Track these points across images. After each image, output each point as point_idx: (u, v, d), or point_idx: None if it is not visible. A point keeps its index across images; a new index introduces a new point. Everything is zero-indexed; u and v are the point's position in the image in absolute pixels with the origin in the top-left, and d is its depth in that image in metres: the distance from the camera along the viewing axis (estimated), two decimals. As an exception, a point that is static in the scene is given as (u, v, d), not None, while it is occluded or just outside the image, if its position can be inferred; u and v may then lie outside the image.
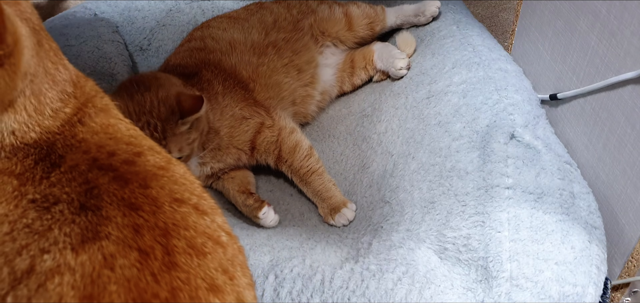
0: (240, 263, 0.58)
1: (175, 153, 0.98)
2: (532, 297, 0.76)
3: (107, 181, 0.53)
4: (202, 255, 0.53)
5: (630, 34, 0.89)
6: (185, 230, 0.53)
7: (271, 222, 1.06)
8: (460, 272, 0.82)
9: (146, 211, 0.52)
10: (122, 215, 0.51)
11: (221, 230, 0.58)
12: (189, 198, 0.57)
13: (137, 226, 0.51)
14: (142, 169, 0.56)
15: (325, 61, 1.35)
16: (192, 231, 0.54)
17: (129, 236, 0.50)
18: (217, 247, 0.55)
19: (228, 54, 1.20)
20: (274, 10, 1.32)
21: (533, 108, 1.04)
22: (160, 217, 0.53)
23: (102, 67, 1.25)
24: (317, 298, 0.80)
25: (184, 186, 0.58)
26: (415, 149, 1.06)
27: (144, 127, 0.93)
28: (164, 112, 0.95)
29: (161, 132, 0.95)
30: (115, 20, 1.41)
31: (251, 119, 1.13)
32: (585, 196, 0.92)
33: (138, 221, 0.51)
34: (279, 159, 1.14)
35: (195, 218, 0.55)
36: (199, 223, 0.55)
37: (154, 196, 0.54)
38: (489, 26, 1.92)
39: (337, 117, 1.37)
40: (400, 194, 1.02)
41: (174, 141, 0.96)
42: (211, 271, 0.53)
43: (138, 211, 0.52)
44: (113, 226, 0.50)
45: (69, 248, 0.48)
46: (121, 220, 0.51)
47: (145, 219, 0.52)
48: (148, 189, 0.54)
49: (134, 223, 0.51)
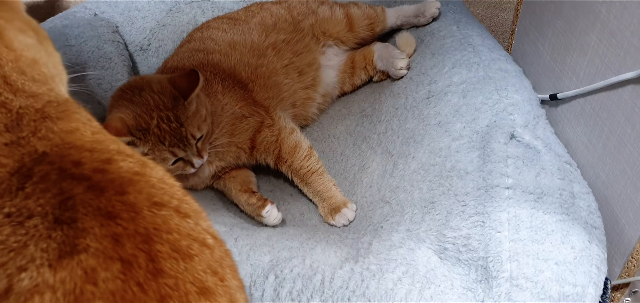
0: (229, 266, 0.56)
1: (196, 133, 0.99)
2: (532, 297, 0.76)
3: (82, 191, 0.50)
4: (189, 258, 0.50)
5: (630, 34, 0.89)
6: (167, 233, 0.51)
7: (274, 220, 1.07)
8: (460, 272, 0.82)
9: (124, 219, 0.50)
10: (100, 225, 0.48)
11: (206, 233, 0.55)
12: (169, 201, 0.54)
13: (116, 235, 0.48)
14: (117, 176, 0.53)
15: (328, 62, 1.35)
16: (176, 235, 0.51)
17: (109, 247, 0.47)
18: (204, 249, 0.53)
19: (227, 55, 1.21)
20: (274, 12, 1.32)
21: (533, 108, 1.04)
22: (140, 223, 0.50)
23: (102, 67, 1.25)
24: (317, 298, 0.80)
25: (163, 189, 0.56)
26: (415, 149, 1.06)
27: (159, 122, 0.95)
28: (169, 101, 0.96)
29: (176, 120, 0.96)
30: (115, 20, 1.41)
31: (251, 118, 1.13)
32: (585, 196, 0.92)
33: (117, 230, 0.49)
34: (278, 159, 1.14)
35: (178, 221, 0.53)
36: (182, 226, 0.53)
37: (132, 201, 0.51)
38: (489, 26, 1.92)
39: (337, 117, 1.37)
40: (400, 194, 1.02)
41: (190, 123, 0.98)
42: (200, 274, 0.50)
43: (116, 219, 0.49)
44: (91, 238, 0.48)
45: (47, 265, 0.46)
46: (99, 230, 0.48)
47: (124, 227, 0.49)
48: (125, 195, 0.52)
49: (112, 233, 0.48)
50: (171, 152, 0.97)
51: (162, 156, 0.97)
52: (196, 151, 1.01)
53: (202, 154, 1.03)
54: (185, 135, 0.97)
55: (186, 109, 0.98)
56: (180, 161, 1.00)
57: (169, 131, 0.96)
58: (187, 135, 0.98)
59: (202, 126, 1.01)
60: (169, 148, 0.96)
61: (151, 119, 0.94)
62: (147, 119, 0.94)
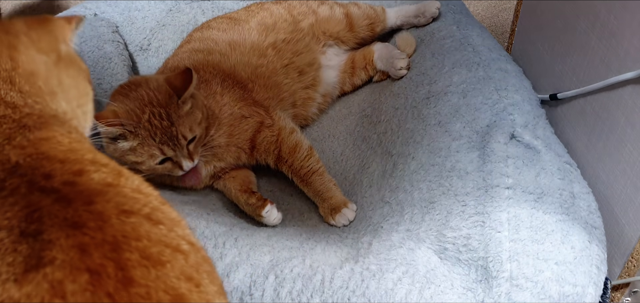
0: (207, 271, 0.54)
1: (187, 133, 0.99)
2: (532, 297, 0.76)
3: (49, 203, 0.49)
4: (160, 265, 0.49)
5: (630, 34, 0.89)
6: (136, 241, 0.49)
7: (274, 220, 1.06)
8: (460, 272, 0.82)
9: (91, 228, 0.48)
10: (66, 236, 0.47)
11: (181, 239, 0.54)
12: (140, 209, 0.53)
13: (83, 245, 0.46)
14: (86, 188, 0.52)
15: (328, 62, 1.35)
16: (146, 241, 0.49)
17: (76, 258, 0.45)
18: (177, 255, 0.51)
19: (227, 55, 1.21)
20: (274, 12, 1.32)
21: (533, 108, 1.04)
22: (107, 231, 0.48)
23: (102, 67, 1.25)
24: (317, 298, 0.80)
25: (135, 198, 0.54)
26: (415, 149, 1.07)
27: (151, 118, 0.95)
28: (163, 99, 0.96)
29: (167, 118, 0.96)
30: (115, 20, 1.41)
31: (250, 118, 1.13)
32: (585, 196, 0.92)
33: (83, 240, 0.47)
34: (278, 160, 1.14)
35: (148, 228, 0.51)
36: (152, 232, 0.51)
37: (99, 210, 0.50)
38: (489, 26, 1.92)
39: (337, 117, 1.37)
40: (400, 194, 1.02)
41: (182, 123, 0.98)
42: (172, 281, 0.48)
43: (82, 228, 0.48)
44: (57, 250, 0.46)
45: (12, 280, 0.44)
46: (65, 241, 0.46)
47: (91, 236, 0.47)
48: (92, 205, 0.50)
49: (79, 243, 0.46)
50: (160, 149, 0.96)
51: (150, 152, 0.96)
52: (187, 153, 1.00)
53: (193, 157, 1.02)
54: (176, 134, 0.97)
55: (179, 108, 0.98)
56: (169, 162, 1.00)
57: (160, 127, 0.95)
58: (178, 135, 0.97)
59: (195, 128, 1.00)
60: (159, 145, 0.96)
61: (143, 113, 0.95)
62: (139, 114, 0.95)
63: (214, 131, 1.09)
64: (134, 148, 0.96)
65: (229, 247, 0.88)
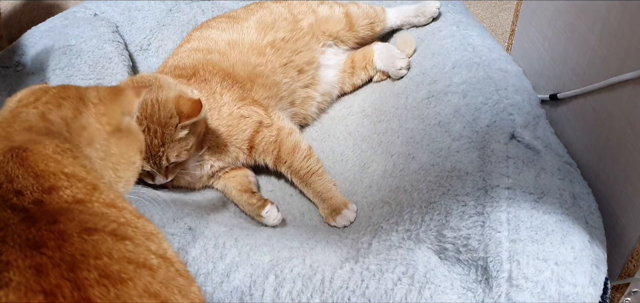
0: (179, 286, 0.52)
1: (173, 158, 0.99)
2: (532, 297, 0.76)
3: (16, 222, 0.49)
4: (121, 283, 0.47)
5: (630, 34, 0.89)
6: (96, 259, 0.47)
7: (275, 220, 1.06)
8: (460, 272, 0.82)
9: (50, 247, 0.47)
10: (23, 257, 0.46)
11: (151, 254, 0.52)
12: (105, 225, 0.51)
13: (39, 266, 0.45)
14: (52, 207, 0.51)
15: (328, 61, 1.35)
16: (106, 259, 0.48)
17: (32, 279, 0.44)
18: (142, 271, 0.49)
19: (226, 54, 1.21)
20: (273, 10, 1.32)
21: (533, 108, 1.04)
22: (66, 250, 0.47)
23: (102, 67, 1.25)
24: (317, 298, 0.80)
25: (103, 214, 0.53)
26: (415, 149, 1.06)
27: (145, 131, 0.94)
28: (164, 117, 0.96)
29: (160, 138, 0.96)
30: (115, 20, 1.41)
31: (249, 118, 1.13)
32: (585, 197, 0.92)
33: (41, 260, 0.46)
34: (278, 160, 1.14)
35: (111, 244, 0.50)
36: (115, 249, 0.50)
37: (61, 229, 0.49)
38: (489, 26, 1.92)
39: (337, 117, 1.37)
40: (400, 194, 1.02)
41: (172, 147, 0.98)
42: (134, 299, 0.47)
43: (41, 248, 0.46)
44: (14, 271, 0.45)
45: None
46: (22, 262, 0.45)
47: (49, 256, 0.46)
48: (55, 224, 0.49)
49: (36, 263, 0.45)
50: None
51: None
52: (164, 171, 1.01)
53: (168, 175, 1.03)
54: (161, 155, 0.97)
55: (175, 132, 0.97)
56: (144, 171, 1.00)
57: (149, 144, 0.95)
58: (163, 157, 0.98)
59: (182, 154, 1.00)
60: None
61: (140, 124, 0.94)
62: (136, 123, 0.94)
63: (212, 132, 1.09)
64: None
65: (229, 247, 0.88)
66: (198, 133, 1.03)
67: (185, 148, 1.00)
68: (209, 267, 0.85)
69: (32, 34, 1.29)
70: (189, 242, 0.88)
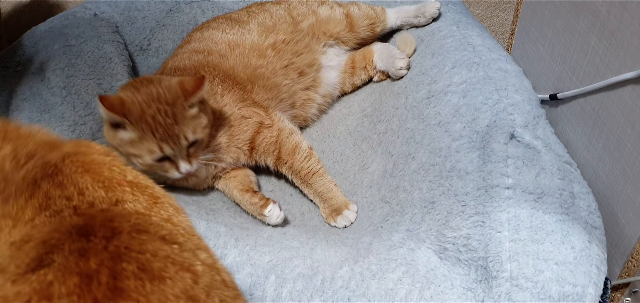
0: (223, 297, 0.52)
1: (190, 135, 0.98)
2: (532, 297, 0.76)
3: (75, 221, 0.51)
4: (159, 280, 0.47)
5: (630, 34, 0.89)
6: (138, 253, 0.49)
7: (277, 219, 1.06)
8: (460, 272, 0.82)
9: (98, 236, 0.49)
10: (71, 241, 0.48)
11: (197, 260, 0.53)
12: (157, 231, 0.53)
13: (83, 250, 0.47)
14: (112, 213, 0.53)
15: (329, 62, 1.35)
16: (148, 255, 0.49)
17: (73, 262, 0.46)
18: (184, 273, 0.50)
19: (227, 55, 1.21)
20: (274, 12, 1.32)
21: (533, 108, 1.04)
22: (113, 242, 0.49)
23: (102, 67, 1.25)
24: (318, 298, 0.80)
25: (159, 224, 0.54)
26: (415, 149, 1.07)
27: (156, 113, 0.94)
28: (171, 98, 0.96)
29: (172, 117, 0.96)
30: (115, 20, 1.41)
31: (250, 119, 1.13)
32: (585, 196, 0.92)
33: (86, 245, 0.48)
34: (278, 161, 1.14)
35: (158, 245, 0.51)
36: (161, 249, 0.51)
37: (113, 225, 0.51)
38: (489, 26, 1.92)
39: (337, 117, 1.37)
40: (401, 194, 1.03)
41: (186, 124, 0.97)
42: (169, 298, 0.47)
43: (89, 236, 0.49)
44: (58, 253, 0.47)
45: (11, 281, 0.45)
46: (69, 246, 0.48)
47: (95, 243, 0.48)
48: (111, 222, 0.51)
49: (80, 248, 0.47)
50: (159, 146, 0.96)
51: (149, 148, 0.95)
52: (186, 155, 1.00)
53: (192, 161, 1.01)
54: (178, 134, 0.96)
55: (185, 110, 0.98)
56: (167, 161, 0.99)
57: (163, 124, 0.95)
58: (180, 134, 0.97)
59: (199, 131, 1.00)
60: (159, 142, 0.95)
61: (149, 107, 0.94)
62: (145, 107, 0.94)
63: (215, 131, 1.09)
64: (133, 140, 0.95)
65: (230, 247, 0.88)
66: (208, 113, 1.03)
67: (199, 125, 1.00)
68: (210, 267, 0.85)
69: (32, 34, 1.29)
70: (190, 242, 0.88)
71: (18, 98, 1.11)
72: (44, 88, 1.13)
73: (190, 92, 0.97)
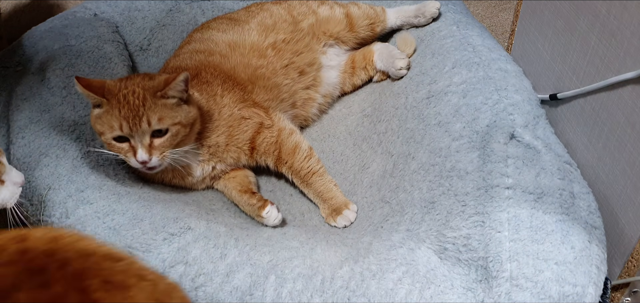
0: (181, 298, 0.55)
1: (154, 122, 0.95)
2: (532, 297, 0.76)
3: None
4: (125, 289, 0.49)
5: (630, 34, 0.89)
6: (97, 270, 0.50)
7: (275, 221, 1.06)
8: (460, 272, 0.82)
9: (52, 268, 0.49)
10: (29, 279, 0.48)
11: (146, 271, 0.55)
12: (96, 250, 0.54)
13: (44, 282, 0.48)
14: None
15: (329, 62, 1.35)
16: (106, 271, 0.51)
17: (39, 293, 0.47)
18: (142, 282, 0.52)
19: (227, 56, 1.21)
20: (274, 12, 1.32)
21: (533, 108, 1.04)
22: (67, 269, 0.49)
23: (102, 67, 1.25)
24: (318, 299, 0.80)
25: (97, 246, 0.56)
26: (415, 149, 1.07)
27: (128, 93, 0.95)
28: (150, 85, 0.97)
29: (141, 99, 0.94)
30: (115, 20, 1.41)
31: (250, 120, 1.13)
32: (585, 196, 0.92)
33: (44, 278, 0.48)
34: (278, 161, 1.14)
35: (110, 263, 0.53)
36: (113, 265, 0.53)
37: (59, 258, 0.52)
38: (489, 26, 1.92)
39: (337, 117, 1.37)
40: (400, 194, 1.03)
41: (153, 109, 0.95)
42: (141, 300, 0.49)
43: (43, 271, 0.49)
44: (21, 293, 0.47)
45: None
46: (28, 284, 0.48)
47: (52, 273, 0.49)
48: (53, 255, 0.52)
49: (41, 281, 0.48)
50: (120, 124, 0.94)
51: (110, 123, 0.95)
52: (147, 143, 0.96)
53: (153, 152, 0.96)
54: (141, 115, 0.94)
55: (156, 98, 0.96)
56: (126, 143, 0.97)
57: (131, 104, 0.94)
58: (143, 117, 0.94)
59: (166, 120, 0.96)
60: (120, 119, 0.94)
61: (125, 88, 0.95)
62: (122, 88, 0.96)
63: (214, 131, 1.09)
64: (100, 115, 0.96)
65: (230, 247, 0.88)
66: (191, 111, 1.00)
67: (170, 117, 0.96)
68: (210, 267, 0.85)
69: (32, 34, 1.29)
70: (190, 242, 0.88)
71: (18, 98, 1.11)
72: (44, 88, 1.13)
73: (167, 82, 0.97)
